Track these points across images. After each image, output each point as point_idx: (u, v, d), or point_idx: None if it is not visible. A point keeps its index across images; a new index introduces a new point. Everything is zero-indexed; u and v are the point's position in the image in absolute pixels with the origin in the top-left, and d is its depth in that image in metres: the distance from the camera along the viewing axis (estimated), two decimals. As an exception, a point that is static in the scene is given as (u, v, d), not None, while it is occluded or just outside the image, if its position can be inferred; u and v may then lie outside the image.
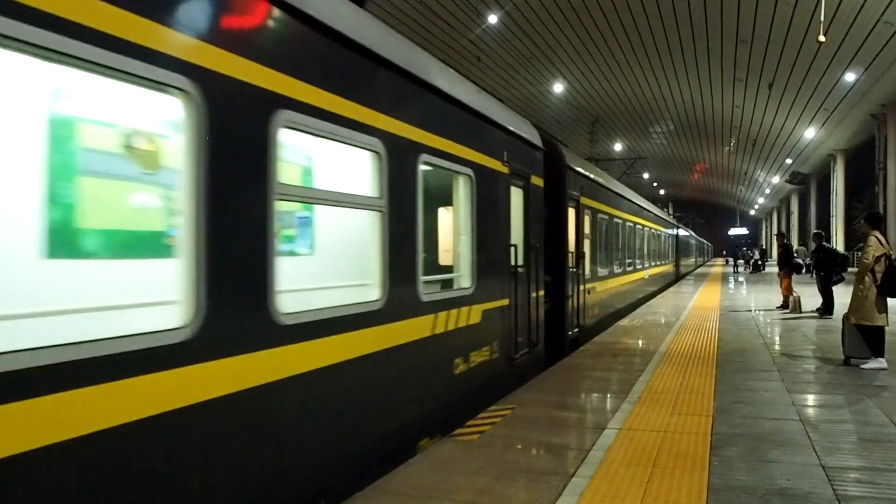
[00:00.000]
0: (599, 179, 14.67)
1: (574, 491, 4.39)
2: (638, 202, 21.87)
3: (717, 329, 13.24)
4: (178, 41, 3.27)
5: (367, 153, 5.00)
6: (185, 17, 3.33)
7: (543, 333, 9.35)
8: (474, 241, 6.89)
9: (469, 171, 6.76)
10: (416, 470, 4.81)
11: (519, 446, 5.44)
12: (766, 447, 5.38)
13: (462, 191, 6.84)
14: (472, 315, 6.85)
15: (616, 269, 16.46)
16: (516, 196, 8.26)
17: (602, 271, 14.62)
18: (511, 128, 8.09)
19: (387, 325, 5.17)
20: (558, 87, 43.02)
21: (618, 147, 57.88)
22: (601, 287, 14.38)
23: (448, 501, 4.25)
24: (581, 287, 11.90)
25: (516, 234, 8.27)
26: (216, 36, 3.52)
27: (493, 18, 31.94)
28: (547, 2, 31.25)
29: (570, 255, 10.95)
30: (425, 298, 5.81)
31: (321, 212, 6.24)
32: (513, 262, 7.94)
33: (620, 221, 17.15)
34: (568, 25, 34.13)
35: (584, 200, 12.46)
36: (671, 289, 27.54)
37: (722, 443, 5.48)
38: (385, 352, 5.16)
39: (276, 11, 4.01)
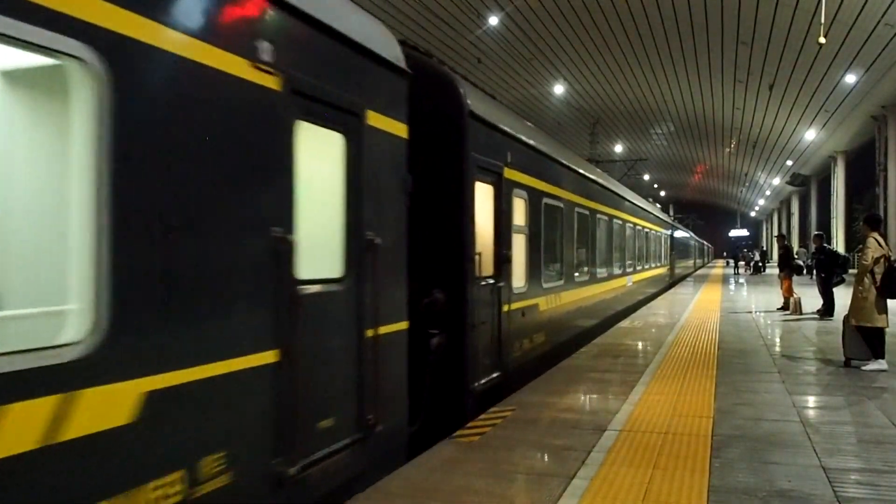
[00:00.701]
0: (544, 148, 9.99)
1: (574, 492, 4.38)
2: (616, 190, 17.16)
3: (718, 330, 13.23)
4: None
5: None
6: None
7: (404, 396, 5.44)
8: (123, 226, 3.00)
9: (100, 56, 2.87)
10: (417, 471, 4.81)
11: (519, 448, 5.44)
12: (767, 449, 5.38)
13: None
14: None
15: (579, 277, 12.08)
16: (309, 143, 4.24)
17: (552, 282, 10.23)
18: None
19: None
20: (559, 89, 43.02)
21: (618, 149, 57.89)
22: (550, 304, 10.01)
23: (448, 503, 4.25)
24: (506, 308, 7.79)
25: (311, 215, 4.29)
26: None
27: (493, 20, 31.95)
28: (548, 3, 31.26)
29: (477, 258, 6.95)
30: None
31: None
32: (287, 271, 3.92)
33: (587, 213, 12.70)
34: (569, 27, 34.15)
35: (514, 175, 8.19)
36: (665, 295, 26.78)
37: (722, 444, 5.48)
38: None
39: None
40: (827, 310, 15.49)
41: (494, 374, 7.48)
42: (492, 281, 7.46)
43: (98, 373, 2.77)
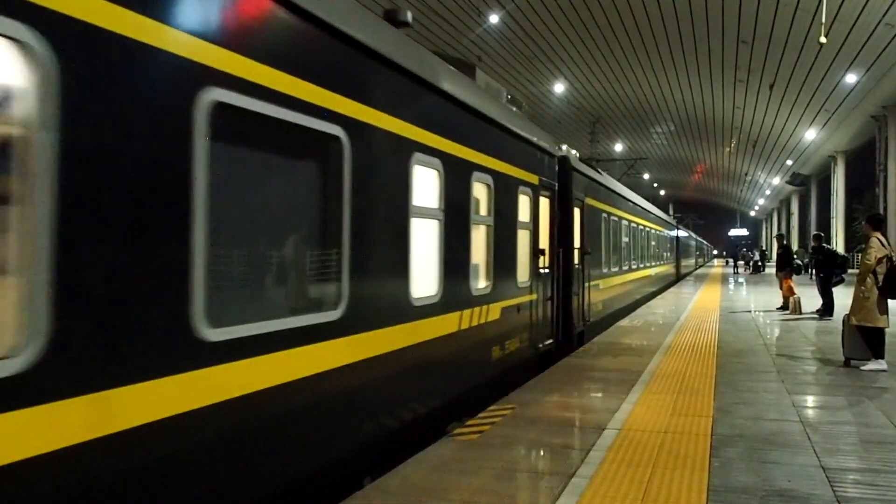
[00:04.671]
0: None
1: (574, 491, 4.38)
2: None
3: (717, 330, 13.23)
4: None
5: None
6: None
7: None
8: None
9: None
10: (416, 469, 4.80)
11: (519, 446, 5.44)
12: (766, 448, 5.38)
13: None
14: None
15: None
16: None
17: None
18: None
19: None
20: (559, 88, 43.03)
21: (618, 147, 57.91)
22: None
23: (447, 501, 4.24)
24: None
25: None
26: None
27: (493, 18, 31.93)
28: (548, 2, 31.24)
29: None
30: None
31: None
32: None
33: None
34: (569, 26, 34.12)
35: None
36: (666, 294, 27.39)
37: (722, 443, 5.48)
38: None
39: None
40: (826, 309, 15.49)
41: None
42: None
43: None
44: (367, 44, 4.77)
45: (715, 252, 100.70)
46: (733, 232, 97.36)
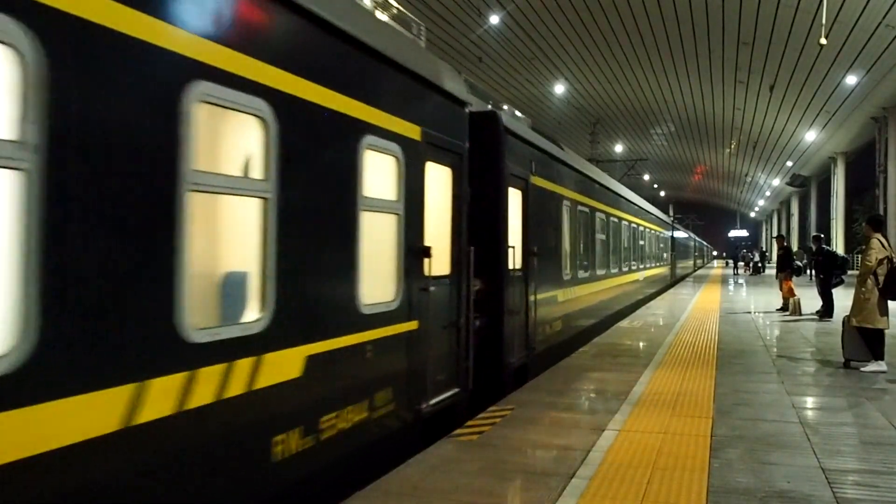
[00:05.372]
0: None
1: (574, 492, 4.38)
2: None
3: (717, 331, 13.23)
4: None
5: None
6: None
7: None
8: None
9: None
10: (416, 470, 4.80)
11: (519, 447, 5.43)
12: (766, 449, 5.38)
13: None
14: None
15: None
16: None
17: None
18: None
19: None
20: (559, 89, 43.05)
21: (619, 149, 57.91)
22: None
23: (447, 501, 4.24)
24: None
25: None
26: None
27: (494, 19, 31.94)
28: (549, 3, 31.25)
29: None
30: None
31: None
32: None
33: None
34: (570, 27, 34.14)
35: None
36: (666, 294, 27.22)
37: (722, 445, 5.48)
38: None
39: None
40: (826, 311, 15.49)
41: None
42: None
43: None
44: None
45: (715, 253, 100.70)
46: (733, 233, 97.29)
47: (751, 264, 47.73)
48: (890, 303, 8.94)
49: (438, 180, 6.40)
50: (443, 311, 6.35)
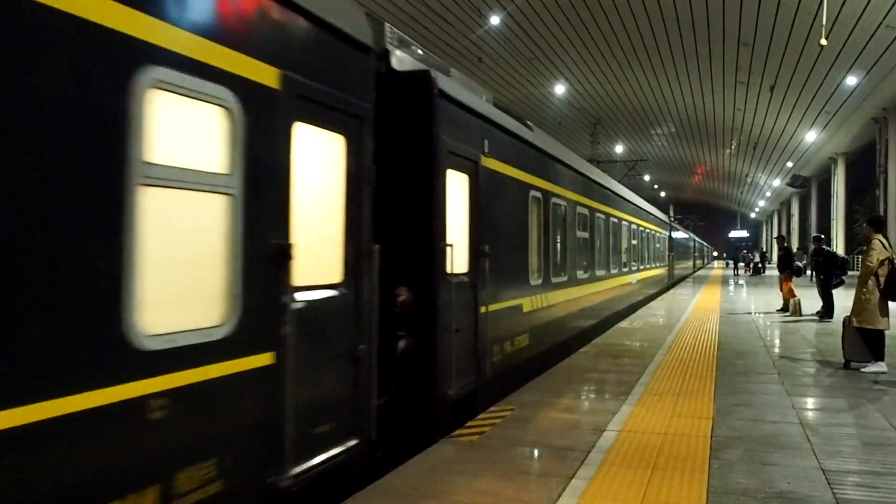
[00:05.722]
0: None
1: (574, 493, 4.38)
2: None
3: (717, 332, 13.23)
4: None
5: None
6: None
7: None
8: None
9: None
10: (416, 470, 4.80)
11: (519, 447, 5.43)
12: (766, 450, 5.38)
13: None
14: None
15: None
16: None
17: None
18: None
19: None
20: (560, 89, 43.01)
21: (619, 149, 57.90)
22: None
23: (448, 502, 4.24)
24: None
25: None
26: None
27: (495, 19, 31.93)
28: (549, 3, 31.25)
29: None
30: None
31: None
32: None
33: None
34: (570, 27, 34.13)
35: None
36: (665, 295, 27.21)
37: (722, 445, 5.48)
38: None
39: None
40: (826, 311, 15.49)
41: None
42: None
43: None
44: None
45: (715, 253, 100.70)
46: (733, 233, 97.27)
47: (751, 265, 47.73)
48: (891, 304, 8.94)
49: (321, 151, 4.67)
50: (327, 334, 4.57)
